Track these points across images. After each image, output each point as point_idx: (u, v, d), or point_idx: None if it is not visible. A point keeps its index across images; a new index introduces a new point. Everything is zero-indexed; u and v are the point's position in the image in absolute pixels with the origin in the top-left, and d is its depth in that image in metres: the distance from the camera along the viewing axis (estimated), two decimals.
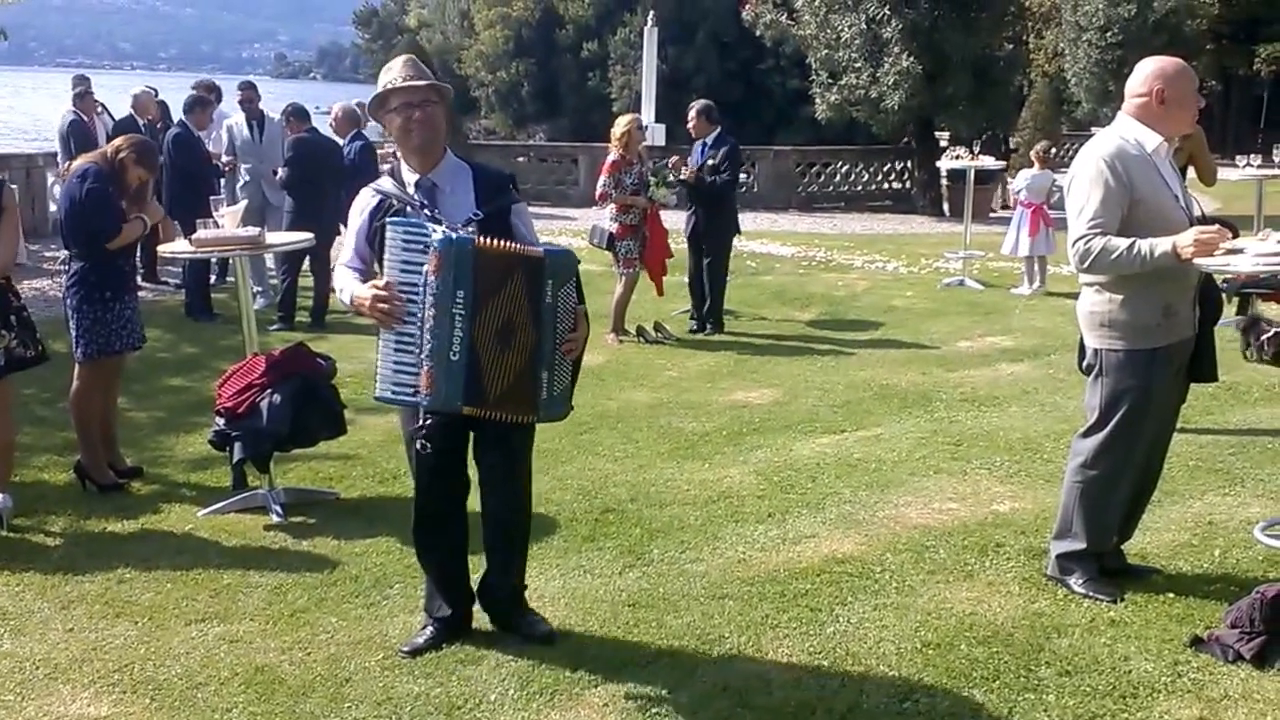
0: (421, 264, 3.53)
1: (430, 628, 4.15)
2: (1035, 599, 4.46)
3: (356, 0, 49.24)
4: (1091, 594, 4.43)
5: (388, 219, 3.70)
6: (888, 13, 18.82)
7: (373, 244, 3.80)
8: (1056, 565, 4.59)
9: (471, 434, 3.95)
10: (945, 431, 6.81)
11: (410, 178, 3.84)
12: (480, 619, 4.25)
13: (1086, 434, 4.46)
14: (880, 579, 4.70)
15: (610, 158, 9.30)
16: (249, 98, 10.96)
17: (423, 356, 3.55)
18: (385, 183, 3.92)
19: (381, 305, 3.57)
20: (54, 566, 4.85)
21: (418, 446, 3.80)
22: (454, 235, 3.58)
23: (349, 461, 6.26)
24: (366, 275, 3.84)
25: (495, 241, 3.61)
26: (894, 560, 4.88)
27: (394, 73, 3.82)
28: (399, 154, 3.95)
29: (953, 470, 6.09)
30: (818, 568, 4.81)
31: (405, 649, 4.08)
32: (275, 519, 5.40)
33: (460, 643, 4.12)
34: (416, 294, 3.55)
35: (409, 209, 3.76)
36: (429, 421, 3.76)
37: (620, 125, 9.41)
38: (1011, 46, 20.24)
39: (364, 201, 3.88)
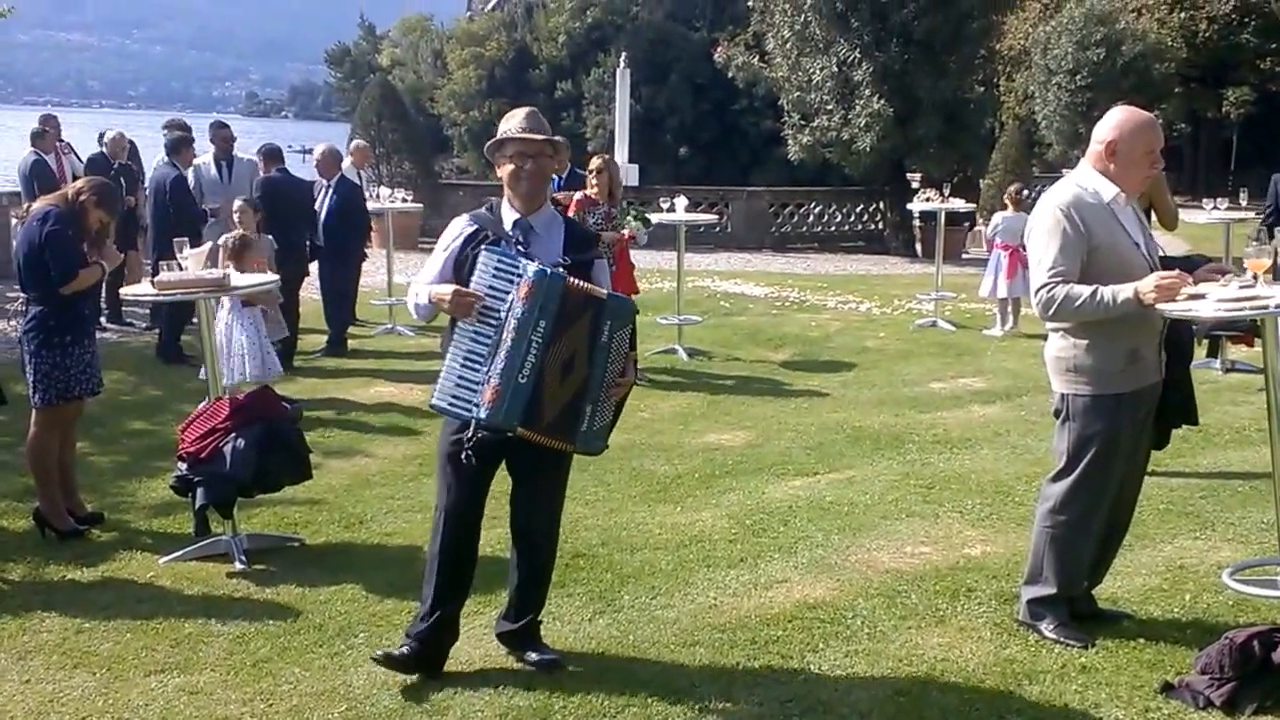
0: (507, 292, 3.84)
1: (407, 646, 4.19)
2: (1007, 645, 4.44)
3: (328, 39, 49.38)
4: (1062, 639, 4.41)
5: (483, 247, 3.96)
6: (858, 56, 19.01)
7: (460, 269, 4.02)
8: (1027, 610, 4.57)
9: (504, 463, 4.18)
10: (918, 474, 6.79)
11: (510, 216, 4.12)
12: (454, 661, 4.20)
13: (1055, 478, 4.46)
14: (852, 625, 4.66)
15: (576, 196, 9.31)
16: (224, 137, 10.88)
17: (492, 373, 3.81)
18: (482, 215, 4.17)
19: (464, 300, 3.84)
20: (11, 615, 4.75)
21: (463, 458, 3.99)
22: (549, 270, 3.87)
23: (315, 506, 6.17)
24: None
25: (579, 283, 3.94)
26: (865, 606, 4.85)
27: (514, 122, 4.13)
28: (505, 194, 4.19)
29: (925, 513, 6.07)
30: (789, 614, 4.77)
31: (379, 655, 4.17)
32: (238, 566, 5.30)
33: (428, 690, 4.06)
34: (495, 318, 3.84)
35: (503, 242, 4.01)
36: (481, 436, 3.96)
37: (591, 165, 9.43)
38: (982, 89, 20.48)
39: (459, 228, 4.13)
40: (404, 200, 12.29)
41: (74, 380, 5.65)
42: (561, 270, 3.93)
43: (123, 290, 6.08)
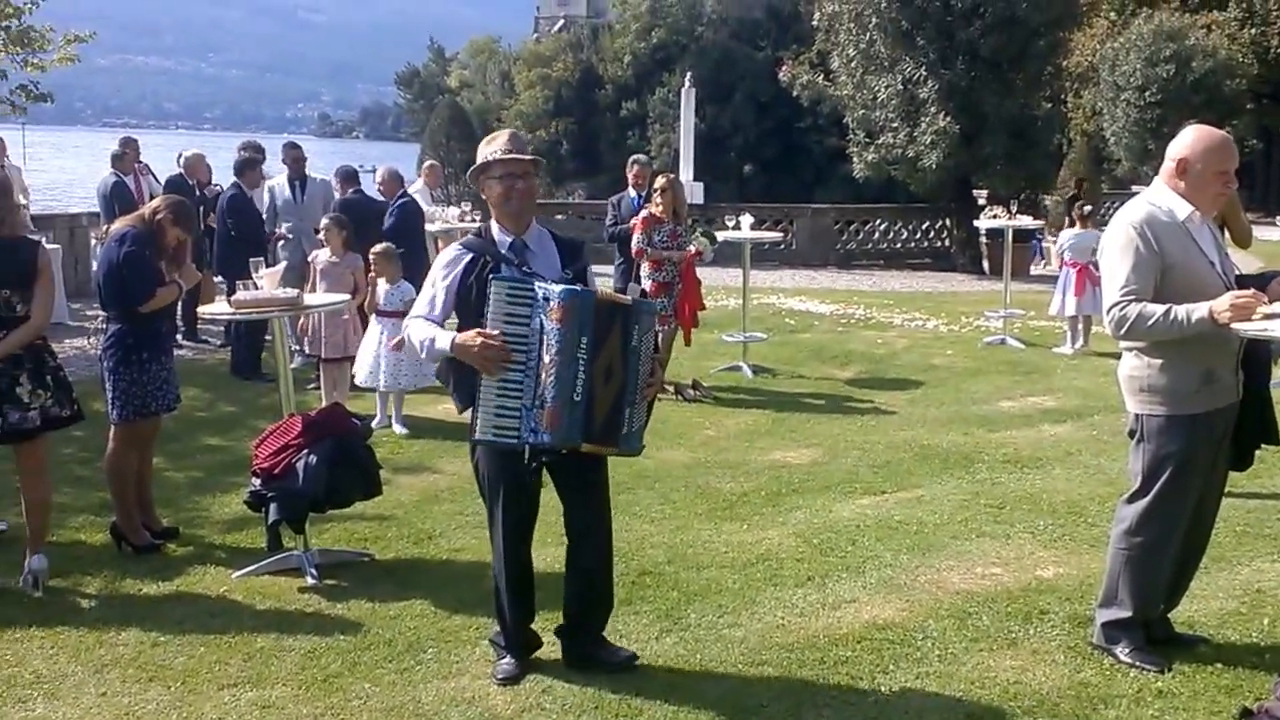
0: (526, 316, 3.87)
1: (509, 658, 4.36)
2: (1081, 668, 4.36)
3: (398, 61, 50.13)
4: (1138, 663, 4.33)
5: (491, 276, 3.98)
6: (924, 74, 18.89)
7: (465, 299, 4.05)
8: (1102, 633, 4.49)
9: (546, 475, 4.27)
10: (988, 494, 6.70)
11: (503, 238, 4.18)
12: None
13: (1130, 499, 4.38)
14: (922, 646, 4.61)
15: (642, 214, 9.36)
16: (295, 158, 11.08)
17: (544, 396, 3.85)
18: (474, 241, 4.22)
19: (490, 352, 3.84)
20: (89, 628, 4.84)
21: (529, 480, 4.16)
22: (578, 288, 3.94)
23: (384, 522, 6.24)
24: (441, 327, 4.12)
25: (605, 293, 4.07)
26: (936, 627, 4.79)
27: (497, 144, 4.19)
28: (494, 216, 4.25)
29: (995, 534, 5.98)
30: (858, 634, 4.72)
31: (500, 678, 4.29)
32: (309, 581, 5.37)
33: (497, 707, 4.08)
34: (523, 343, 3.86)
35: (503, 266, 4.07)
36: (544, 460, 4.07)
37: (656, 184, 9.48)
38: (1049, 106, 20.20)
39: (453, 257, 4.17)
40: (472, 219, 12.41)
41: (151, 396, 5.78)
42: (586, 286, 4.03)
43: (200, 309, 6.20)
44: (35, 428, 5.16)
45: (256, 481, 5.39)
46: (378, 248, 8.26)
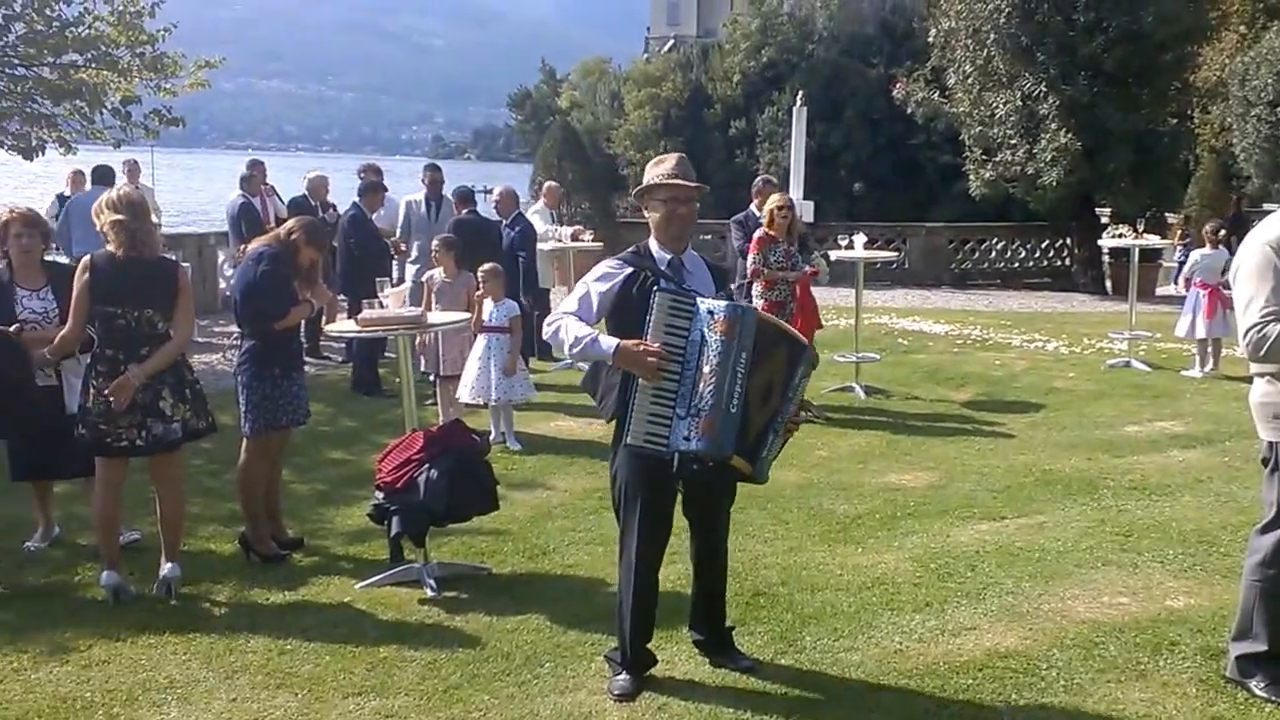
0: (685, 328, 4.03)
1: (625, 675, 4.41)
2: (1213, 702, 4.22)
3: (511, 83, 50.96)
4: (1274, 698, 4.20)
5: (656, 288, 4.12)
6: (1044, 89, 18.47)
7: (622, 309, 4.21)
8: (1236, 667, 4.34)
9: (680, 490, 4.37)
10: (1113, 521, 6.51)
11: (663, 255, 4.35)
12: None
13: (1264, 530, 4.24)
14: (1047, 676, 4.50)
15: (756, 234, 9.33)
16: (434, 179, 11.35)
17: (699, 406, 3.98)
18: (632, 257, 4.36)
19: (651, 360, 3.99)
20: (219, 635, 5.00)
21: (679, 486, 4.29)
22: (742, 304, 4.14)
23: (500, 537, 6.32)
24: None
25: (767, 315, 4.25)
26: (1061, 657, 4.67)
27: (664, 168, 4.37)
28: (654, 236, 4.39)
29: (1122, 562, 5.81)
30: (979, 662, 4.63)
31: (616, 694, 4.34)
32: (429, 593, 5.47)
33: None
34: (681, 354, 4.01)
35: (662, 280, 4.20)
36: (694, 466, 4.11)
37: (769, 203, 9.43)
38: (1175, 122, 19.55)
39: (613, 268, 4.32)
40: (590, 239, 12.56)
41: (282, 410, 5.96)
42: (749, 305, 4.18)
43: (327, 326, 6.38)
44: (177, 439, 5.36)
45: (380, 495, 5.52)
46: (484, 267, 8.41)
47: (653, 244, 4.39)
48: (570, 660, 4.70)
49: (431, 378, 8.81)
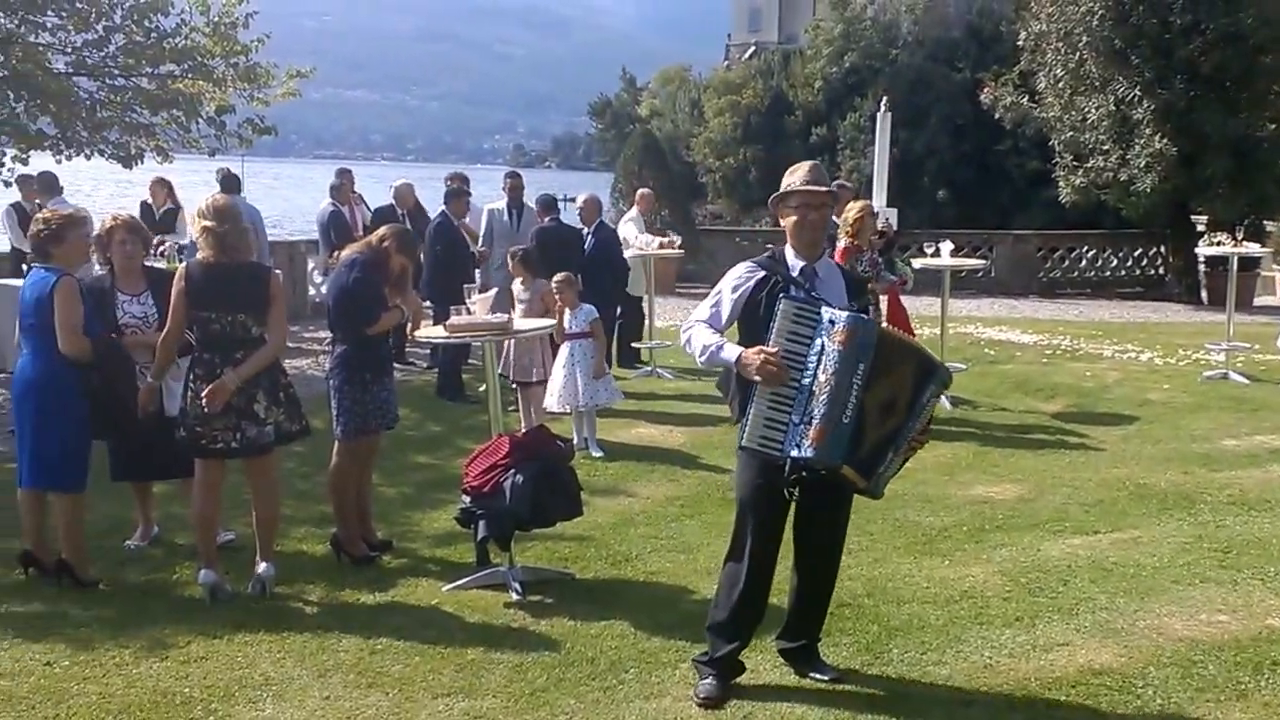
0: (809, 336, 4.06)
1: (712, 679, 4.42)
2: None
3: (591, 92, 51.19)
4: None
5: (782, 294, 4.17)
6: (1138, 93, 18.03)
7: (753, 313, 4.26)
8: None
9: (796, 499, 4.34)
10: (1211, 537, 6.33)
11: (796, 263, 4.37)
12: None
13: None
14: (1143, 694, 4.41)
15: (840, 244, 9.21)
16: (515, 186, 11.47)
17: (813, 415, 4.01)
18: (766, 261, 4.42)
19: (771, 367, 4.02)
20: (312, 634, 5.09)
21: (786, 494, 4.21)
22: (864, 316, 4.12)
23: (583, 543, 6.35)
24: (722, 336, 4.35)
25: (892, 329, 4.29)
26: (1157, 675, 4.57)
27: (799, 175, 4.39)
28: (789, 243, 4.41)
29: (1221, 579, 5.65)
30: (1072, 679, 4.54)
31: (702, 697, 4.35)
32: (514, 597, 5.52)
33: None
34: (801, 362, 4.05)
35: (792, 287, 4.23)
36: (804, 474, 4.14)
37: (851, 212, 9.30)
38: (1275, 126, 18.95)
39: (746, 273, 4.38)
40: (676, 246, 12.58)
41: (372, 415, 6.06)
42: (871, 317, 4.17)
43: (416, 332, 6.47)
44: (270, 441, 5.48)
45: (466, 499, 5.58)
46: (557, 277, 8.47)
47: (788, 250, 4.42)
48: (655, 667, 4.71)
49: (513, 384, 8.89)
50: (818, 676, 4.55)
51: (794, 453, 4.06)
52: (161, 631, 5.10)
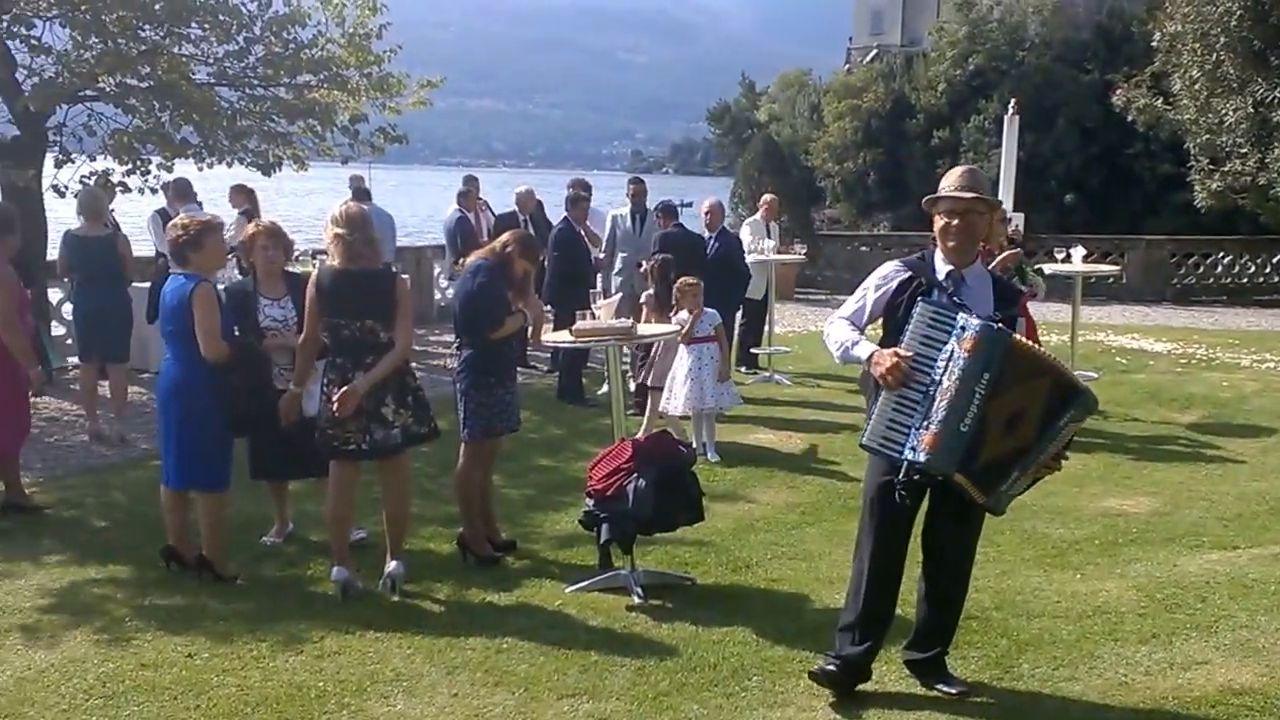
0: (942, 341, 4.04)
1: (833, 665, 4.45)
2: None
3: (711, 98, 51.22)
4: None
5: (921, 297, 4.18)
6: (1278, 96, 17.33)
7: (893, 313, 4.28)
8: None
9: (927, 503, 4.35)
10: None
11: (943, 268, 4.34)
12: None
13: None
14: None
15: None
16: (637, 191, 11.55)
17: (932, 420, 3.99)
18: (915, 262, 4.41)
19: (897, 371, 4.04)
20: (440, 632, 5.20)
21: (897, 497, 4.18)
22: (995, 325, 4.05)
23: (703, 548, 6.36)
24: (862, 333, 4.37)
25: (1027, 343, 4.16)
26: None
27: (950, 180, 4.39)
28: (939, 246, 4.37)
29: None
30: (1212, 698, 4.40)
31: (815, 671, 4.46)
32: (636, 600, 5.55)
33: None
34: (930, 366, 4.04)
35: (936, 291, 4.22)
36: (915, 478, 4.13)
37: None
38: None
39: (891, 273, 4.38)
40: (800, 252, 12.53)
41: (497, 417, 6.17)
42: (1005, 327, 4.10)
43: (543, 336, 6.57)
44: (397, 444, 5.61)
45: (590, 502, 5.64)
46: (679, 281, 8.50)
47: (937, 254, 4.40)
48: (779, 676, 4.69)
49: (652, 388, 8.90)
50: (945, 689, 4.48)
51: (909, 456, 4.04)
52: (296, 626, 5.27)
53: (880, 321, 4.40)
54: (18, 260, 7.40)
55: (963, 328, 4.01)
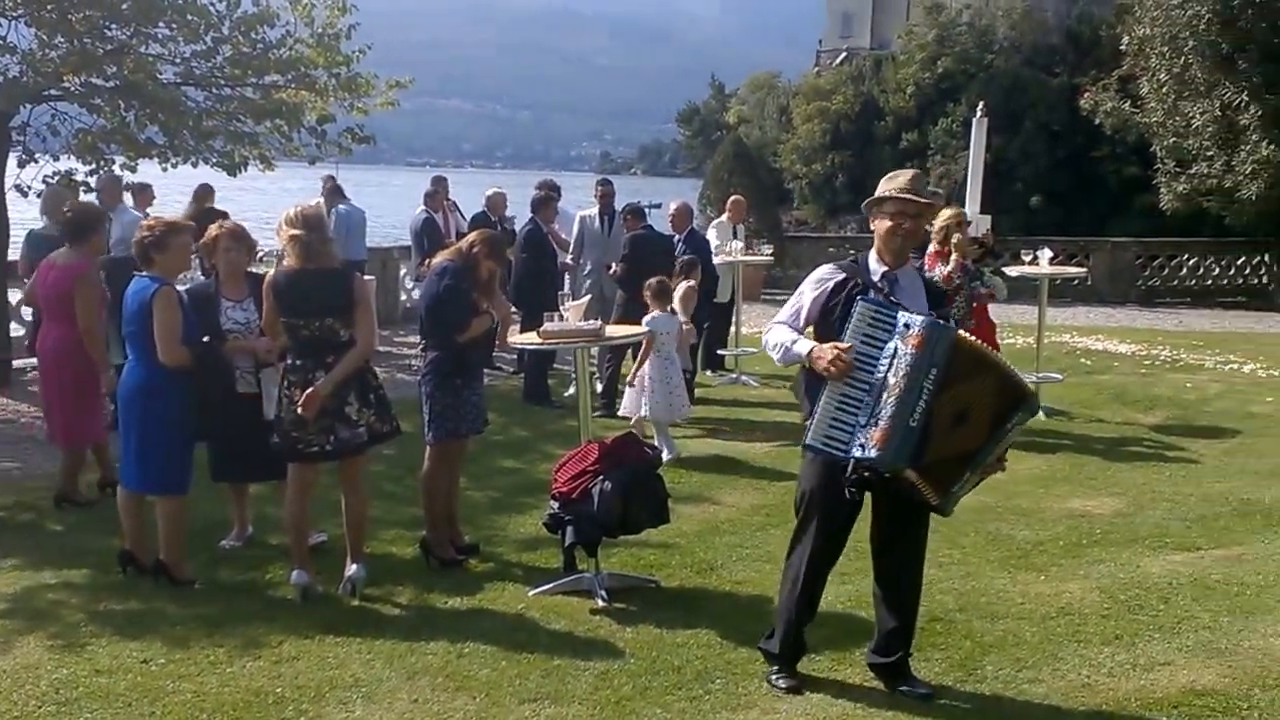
0: (883, 339, 4.06)
1: (786, 677, 4.55)
2: None
3: (680, 100, 51.33)
4: None
5: (860, 296, 4.20)
6: (1245, 99, 17.52)
7: (829, 314, 4.30)
8: None
9: (874, 508, 4.43)
10: None
11: (877, 268, 4.38)
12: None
13: None
14: (1247, 717, 4.30)
15: (930, 250, 9.03)
16: (605, 193, 11.49)
17: (880, 416, 4.00)
18: (848, 265, 4.44)
19: (840, 363, 4.06)
20: (401, 637, 5.13)
21: (847, 494, 4.22)
22: (941, 323, 4.10)
23: (668, 550, 6.32)
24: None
25: (972, 339, 4.19)
26: (1263, 697, 4.43)
27: (899, 182, 4.40)
28: (875, 248, 4.41)
29: None
30: (1174, 699, 4.41)
31: (784, 688, 4.51)
32: (600, 603, 5.51)
33: None
34: (873, 364, 4.05)
35: (872, 291, 4.24)
36: (865, 474, 4.16)
37: (940, 219, 9.03)
38: None
39: (826, 274, 4.42)
40: (766, 253, 12.54)
41: (463, 419, 6.11)
42: (949, 323, 4.12)
43: (510, 339, 6.52)
44: (363, 442, 5.56)
45: (555, 504, 5.59)
46: (650, 281, 8.48)
47: (871, 256, 4.43)
48: (742, 678, 4.67)
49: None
50: (909, 691, 4.47)
51: (857, 453, 4.05)
52: (255, 631, 5.19)
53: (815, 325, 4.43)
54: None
55: (906, 325, 4.04)
